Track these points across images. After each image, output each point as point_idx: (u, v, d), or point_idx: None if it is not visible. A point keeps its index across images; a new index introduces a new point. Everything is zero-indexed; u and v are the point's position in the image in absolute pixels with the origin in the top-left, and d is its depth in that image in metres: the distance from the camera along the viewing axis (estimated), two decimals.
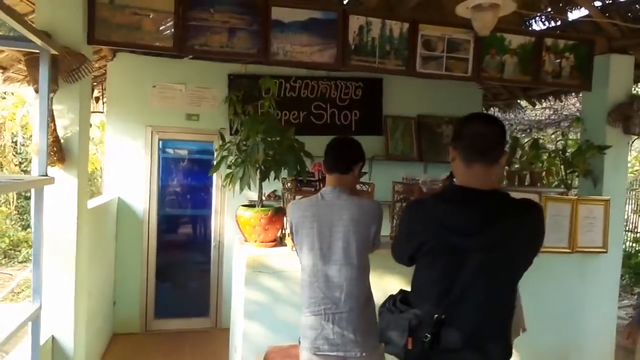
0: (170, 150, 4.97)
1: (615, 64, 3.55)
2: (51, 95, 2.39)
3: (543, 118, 6.16)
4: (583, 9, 3.65)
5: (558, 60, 3.42)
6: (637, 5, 3.44)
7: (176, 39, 2.75)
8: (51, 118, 2.45)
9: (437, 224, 1.50)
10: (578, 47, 3.47)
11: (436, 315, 1.48)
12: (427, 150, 5.13)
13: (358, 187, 2.74)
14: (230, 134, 4.20)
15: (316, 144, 2.79)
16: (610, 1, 3.52)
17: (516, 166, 3.50)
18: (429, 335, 1.46)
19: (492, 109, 6.33)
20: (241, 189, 2.69)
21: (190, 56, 4.34)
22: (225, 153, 2.83)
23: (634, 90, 4.24)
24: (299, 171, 2.71)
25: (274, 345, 2.70)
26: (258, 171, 2.80)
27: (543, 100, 5.46)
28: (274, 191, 4.72)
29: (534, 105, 5.48)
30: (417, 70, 3.08)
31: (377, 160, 4.89)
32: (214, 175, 4.71)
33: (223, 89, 4.72)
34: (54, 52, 2.13)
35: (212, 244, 4.93)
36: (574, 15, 3.83)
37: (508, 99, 5.74)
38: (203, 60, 4.57)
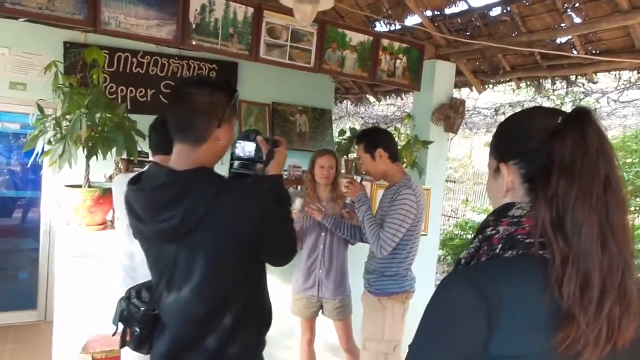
0: None
1: (440, 69, 3.97)
2: None
3: (389, 114, 6.68)
4: (417, 16, 4.01)
5: (393, 61, 3.72)
6: (458, 19, 3.88)
7: None
8: None
9: (128, 208, 1.31)
10: (410, 51, 3.80)
11: (143, 309, 1.33)
12: (281, 137, 5.21)
13: None
14: None
15: None
16: (438, 13, 3.91)
17: (353, 155, 3.74)
18: (137, 330, 1.33)
19: (345, 102, 6.66)
20: (60, 167, 2.44)
21: (24, 18, 3.79)
22: (43, 128, 2.53)
23: (457, 94, 4.79)
24: (129, 151, 2.54)
25: (97, 334, 2.53)
26: (84, 149, 2.57)
27: (388, 97, 5.91)
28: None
29: (379, 100, 5.90)
30: (261, 56, 3.09)
31: None
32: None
33: (58, 58, 4.21)
34: None
35: (42, 229, 4.42)
36: (410, 21, 4.18)
37: (358, 94, 6.10)
38: (35, 24, 4.02)
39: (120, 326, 1.40)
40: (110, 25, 2.64)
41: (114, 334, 1.42)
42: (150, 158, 2.27)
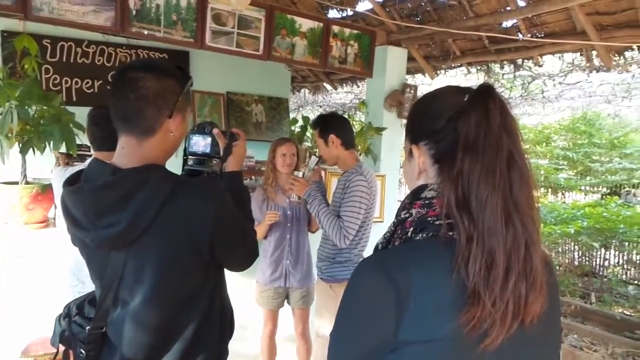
0: None
1: (392, 55, 3.96)
2: None
3: (347, 101, 6.67)
4: (368, 2, 3.98)
5: (344, 47, 3.68)
6: (408, 4, 3.88)
7: None
8: None
9: (65, 212, 1.14)
10: (361, 37, 3.78)
11: (88, 327, 1.17)
12: (237, 127, 5.09)
13: None
14: None
15: None
16: None
17: (307, 144, 3.70)
18: (83, 352, 1.17)
19: (303, 90, 6.61)
20: None
21: None
22: None
23: (411, 80, 4.82)
24: (68, 145, 2.42)
25: (38, 337, 2.42)
26: (20, 144, 2.44)
27: (344, 85, 5.89)
28: None
29: (335, 88, 5.88)
30: (207, 44, 3.00)
31: None
32: None
33: None
34: None
35: None
36: (361, 7, 4.16)
37: (315, 82, 6.05)
38: None
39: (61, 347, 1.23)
40: (42, 12, 2.48)
41: (54, 358, 1.28)
42: (94, 156, 2.16)
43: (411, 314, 0.70)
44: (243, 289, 2.68)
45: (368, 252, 2.50)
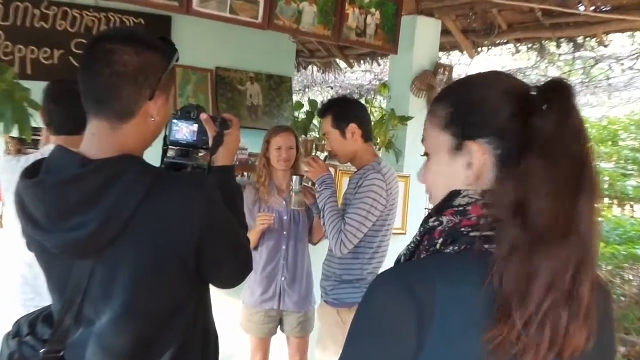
0: None
1: (422, 27, 4.00)
2: None
3: (365, 83, 6.70)
4: None
5: (363, 17, 3.71)
6: None
7: None
8: None
9: (21, 210, 1.14)
10: (385, 4, 3.80)
11: (43, 350, 1.18)
12: (227, 111, 5.16)
13: None
14: None
15: None
16: None
17: (314, 135, 3.74)
18: None
19: (310, 67, 6.65)
20: None
21: None
22: None
23: (444, 59, 4.84)
24: (21, 128, 2.48)
25: None
26: None
27: (362, 62, 5.92)
28: None
29: (351, 66, 5.91)
30: (194, 8, 3.04)
31: None
32: None
33: None
34: None
35: None
36: None
37: (326, 58, 6.09)
38: None
39: None
40: None
41: None
42: (52, 141, 2.19)
43: (435, 336, 0.74)
44: (228, 311, 2.72)
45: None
